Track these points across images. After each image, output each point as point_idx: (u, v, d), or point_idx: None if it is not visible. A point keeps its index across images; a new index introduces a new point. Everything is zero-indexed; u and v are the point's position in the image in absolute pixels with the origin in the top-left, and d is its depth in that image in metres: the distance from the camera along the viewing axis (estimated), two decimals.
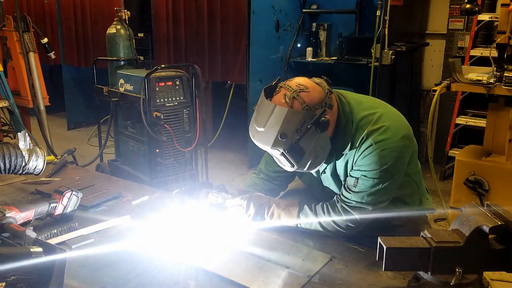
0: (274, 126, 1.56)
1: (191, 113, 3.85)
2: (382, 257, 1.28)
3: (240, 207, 1.80)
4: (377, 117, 1.66)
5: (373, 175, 1.63)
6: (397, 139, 1.64)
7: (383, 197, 1.68)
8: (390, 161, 1.63)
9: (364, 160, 1.64)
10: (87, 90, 6.06)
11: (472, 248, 1.27)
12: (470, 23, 4.60)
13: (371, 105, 1.74)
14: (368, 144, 1.63)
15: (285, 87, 1.61)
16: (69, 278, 1.37)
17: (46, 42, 4.57)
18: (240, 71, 4.96)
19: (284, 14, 5.11)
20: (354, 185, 1.67)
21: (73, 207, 1.83)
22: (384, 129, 1.63)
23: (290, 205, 1.79)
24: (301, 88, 1.59)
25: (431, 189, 2.09)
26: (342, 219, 1.68)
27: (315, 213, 1.73)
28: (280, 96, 1.60)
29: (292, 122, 1.55)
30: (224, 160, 5.30)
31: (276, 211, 1.78)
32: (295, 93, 1.58)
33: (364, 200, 1.66)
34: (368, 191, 1.65)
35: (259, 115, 1.62)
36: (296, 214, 1.75)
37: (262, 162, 2.05)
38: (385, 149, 1.62)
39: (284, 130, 1.55)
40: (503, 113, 3.19)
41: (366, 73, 4.58)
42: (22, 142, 2.02)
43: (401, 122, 1.71)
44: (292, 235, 1.75)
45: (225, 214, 1.81)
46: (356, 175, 1.67)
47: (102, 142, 4.45)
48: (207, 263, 1.53)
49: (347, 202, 1.69)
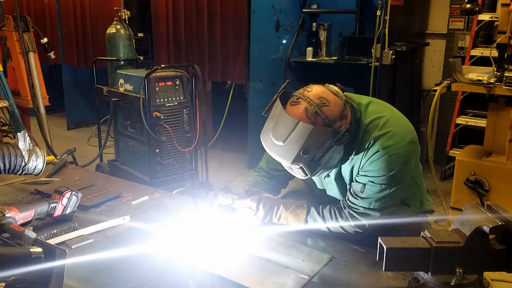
0: (296, 143, 1.52)
1: (191, 113, 3.85)
2: (383, 257, 1.28)
3: (249, 209, 1.78)
4: (384, 122, 1.65)
5: (380, 181, 1.63)
6: (404, 144, 1.63)
7: (390, 202, 1.67)
8: (398, 167, 1.62)
9: (372, 166, 1.63)
10: (87, 90, 6.07)
11: (472, 248, 1.27)
12: (471, 23, 4.60)
13: (378, 109, 1.72)
14: (375, 149, 1.62)
15: (305, 99, 1.55)
16: (69, 278, 1.37)
17: (46, 42, 4.57)
18: (240, 71, 4.96)
19: (284, 14, 5.11)
20: (361, 190, 1.66)
21: (72, 207, 1.83)
22: (391, 135, 1.62)
23: (298, 207, 1.77)
24: (323, 102, 1.54)
25: (431, 189, 2.09)
26: (350, 225, 1.68)
27: (323, 218, 1.73)
28: (300, 110, 1.54)
29: (315, 140, 1.53)
30: (224, 160, 5.29)
31: (284, 214, 1.77)
32: (317, 108, 1.53)
33: (372, 206, 1.66)
34: (375, 196, 1.65)
35: (278, 127, 1.55)
36: (304, 218, 1.75)
37: (263, 160, 2.04)
38: (392, 155, 1.61)
39: (306, 147, 1.52)
40: (503, 113, 3.19)
41: (366, 73, 4.58)
42: (21, 142, 2.02)
43: (407, 127, 1.71)
44: (292, 235, 1.74)
45: (234, 216, 1.80)
46: (363, 181, 1.66)
47: (102, 142, 4.45)
48: (206, 264, 1.53)
49: (354, 208, 1.68)
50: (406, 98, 5.04)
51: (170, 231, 1.75)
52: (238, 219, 1.79)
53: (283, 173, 1.96)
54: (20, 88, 4.42)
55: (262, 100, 4.91)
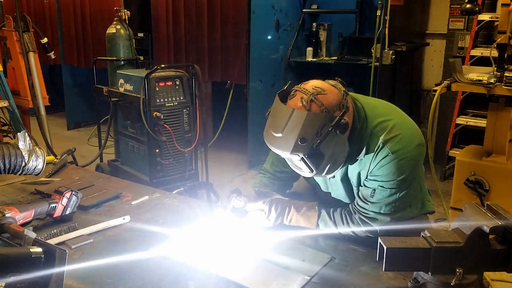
0: (293, 131, 1.51)
1: (191, 113, 3.85)
2: (383, 257, 1.28)
3: (261, 212, 1.77)
4: (392, 125, 1.64)
5: (390, 185, 1.62)
6: (412, 147, 1.63)
7: (400, 206, 1.66)
8: (407, 171, 1.62)
9: (381, 171, 1.62)
10: (87, 90, 6.07)
11: (472, 248, 1.27)
12: (471, 23, 4.60)
13: (385, 111, 1.71)
14: (384, 153, 1.61)
15: (301, 90, 1.56)
16: (69, 278, 1.37)
17: (46, 42, 4.57)
18: (240, 71, 4.96)
19: (284, 14, 5.11)
20: (371, 195, 1.65)
21: (72, 207, 1.83)
22: (399, 138, 1.61)
23: (309, 209, 1.76)
24: (318, 91, 1.55)
25: (431, 189, 2.09)
26: (362, 230, 1.68)
27: (334, 222, 1.72)
28: (296, 99, 1.55)
29: (312, 126, 1.51)
30: (224, 160, 5.29)
31: (295, 216, 1.76)
32: (312, 96, 1.53)
33: (382, 211, 1.65)
34: (386, 201, 1.64)
35: (275, 120, 1.57)
36: (315, 222, 1.74)
37: (267, 162, 2.02)
38: (402, 159, 1.60)
39: (304, 134, 1.51)
40: (503, 113, 3.18)
41: (366, 73, 4.58)
42: (21, 142, 2.02)
43: (415, 130, 1.70)
44: (285, 231, 1.73)
45: (246, 219, 1.79)
46: (373, 186, 1.65)
47: (102, 142, 4.45)
48: (206, 264, 1.53)
49: (365, 213, 1.67)
50: (406, 98, 5.04)
51: (170, 231, 1.75)
52: (250, 222, 1.78)
53: (287, 175, 1.95)
54: (20, 88, 4.42)
55: (262, 100, 4.92)
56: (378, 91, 4.42)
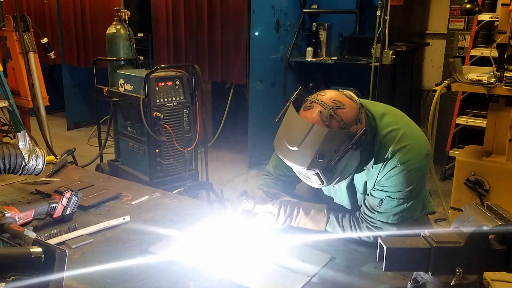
0: (311, 147, 1.47)
1: (191, 113, 3.85)
2: (383, 257, 1.28)
3: (270, 214, 1.76)
4: (401, 135, 1.62)
5: (398, 196, 1.62)
6: (421, 158, 1.62)
7: (408, 215, 1.66)
8: (415, 182, 1.62)
9: (390, 181, 1.61)
10: (87, 90, 6.06)
11: (472, 249, 1.27)
12: (471, 23, 4.60)
13: (394, 120, 1.69)
14: (393, 164, 1.60)
15: (319, 103, 1.51)
16: (69, 278, 1.37)
17: (46, 42, 4.57)
18: (240, 71, 4.96)
19: (284, 14, 5.11)
20: (379, 205, 1.64)
21: (72, 207, 1.83)
22: (408, 149, 1.60)
23: (318, 213, 1.75)
24: (337, 105, 1.50)
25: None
26: (369, 237, 1.67)
27: (342, 228, 1.71)
28: (315, 113, 1.50)
29: (331, 143, 1.48)
30: (224, 160, 5.29)
31: (303, 219, 1.75)
32: (332, 111, 1.49)
33: (390, 220, 1.65)
34: (393, 211, 1.64)
35: (291, 132, 1.52)
36: (324, 226, 1.73)
37: (270, 165, 2.00)
38: (410, 170, 1.60)
39: (322, 150, 1.47)
40: (503, 113, 3.18)
41: (366, 73, 4.57)
42: (21, 142, 2.02)
43: (422, 139, 1.69)
44: (292, 235, 1.74)
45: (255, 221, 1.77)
46: (381, 196, 1.64)
47: (102, 142, 4.45)
48: (205, 264, 1.53)
49: (372, 222, 1.67)
50: (406, 98, 5.04)
51: (169, 231, 1.75)
52: (259, 224, 1.76)
53: (291, 179, 1.93)
54: (20, 88, 4.42)
55: (262, 100, 4.92)
56: (378, 91, 4.42)
